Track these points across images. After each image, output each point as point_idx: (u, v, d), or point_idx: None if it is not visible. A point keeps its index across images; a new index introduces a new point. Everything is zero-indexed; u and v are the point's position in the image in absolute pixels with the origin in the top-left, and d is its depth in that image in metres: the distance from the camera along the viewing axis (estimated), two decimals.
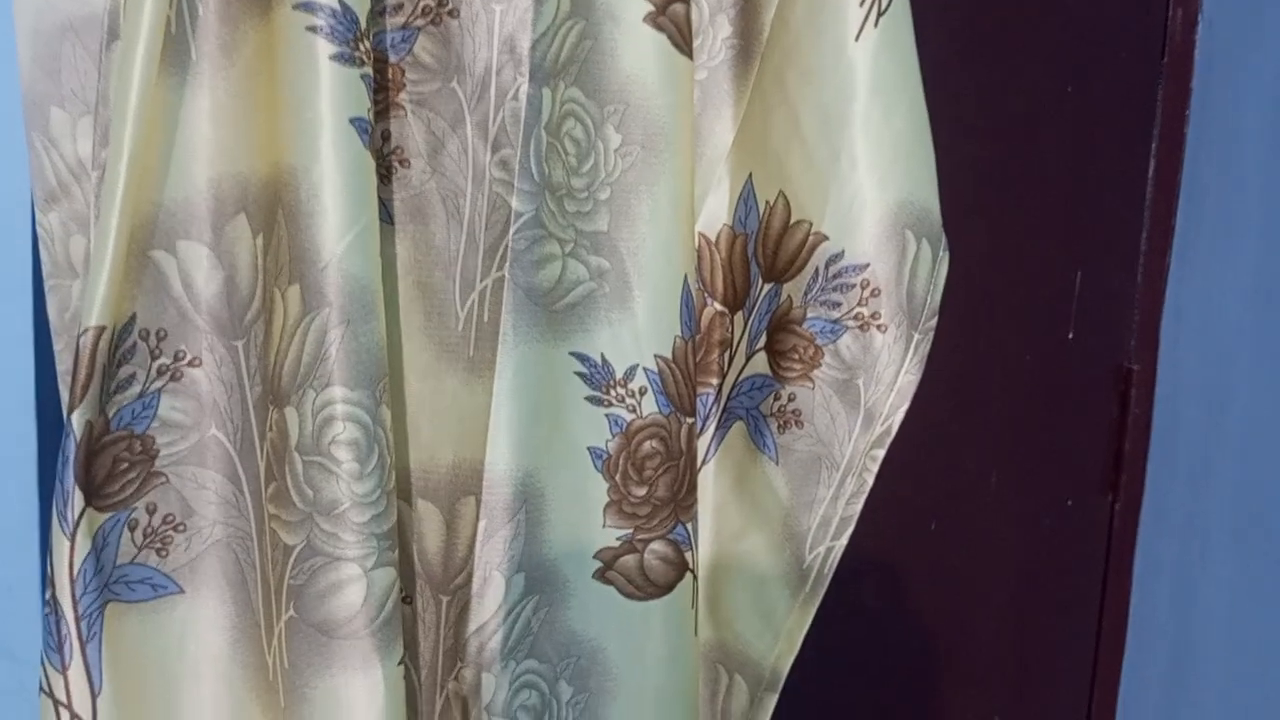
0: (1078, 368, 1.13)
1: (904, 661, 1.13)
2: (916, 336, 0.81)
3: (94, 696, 0.66)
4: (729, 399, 0.87)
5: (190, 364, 0.69)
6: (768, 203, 0.81)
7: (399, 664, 0.71)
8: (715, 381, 0.86)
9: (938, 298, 0.81)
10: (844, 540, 0.86)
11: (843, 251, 0.79)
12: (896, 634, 1.12)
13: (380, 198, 0.71)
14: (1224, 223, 1.11)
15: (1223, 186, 1.11)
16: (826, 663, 0.93)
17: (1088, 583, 1.18)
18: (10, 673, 0.79)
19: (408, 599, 0.78)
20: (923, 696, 1.13)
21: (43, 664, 0.66)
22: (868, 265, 0.79)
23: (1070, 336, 1.12)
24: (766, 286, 0.84)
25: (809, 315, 0.83)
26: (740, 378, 0.87)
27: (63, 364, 0.69)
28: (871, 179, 0.77)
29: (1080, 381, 1.13)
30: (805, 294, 0.83)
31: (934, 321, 0.81)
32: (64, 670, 0.66)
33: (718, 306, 0.85)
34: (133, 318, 0.67)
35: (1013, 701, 1.17)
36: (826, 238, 0.79)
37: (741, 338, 0.86)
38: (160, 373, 0.68)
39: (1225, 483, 1.10)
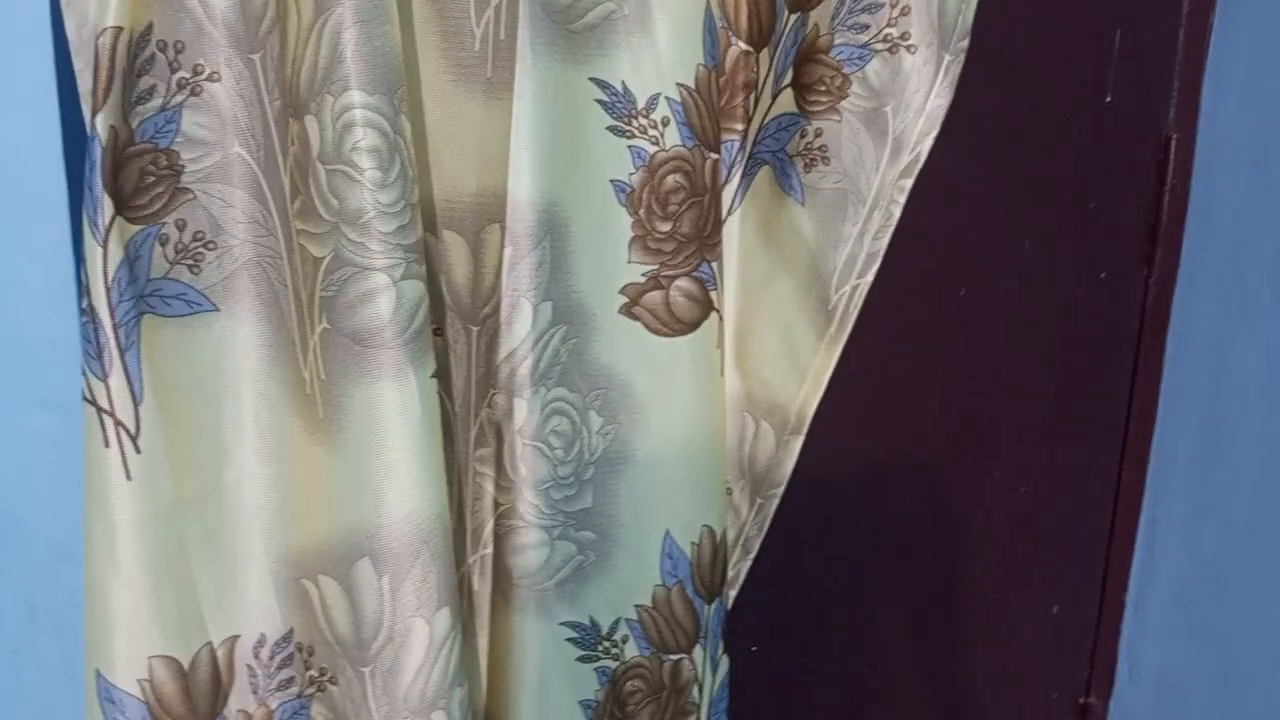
0: (1114, 134, 1.10)
1: (932, 435, 1.13)
2: (947, 58, 0.79)
3: (136, 405, 0.68)
4: (754, 144, 0.86)
5: (209, 79, 0.69)
6: None
7: (432, 376, 0.73)
8: (740, 127, 0.84)
9: (970, 17, 0.79)
10: (870, 277, 0.86)
11: None
12: (930, 406, 1.12)
13: None
14: None
15: None
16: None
17: (1120, 356, 1.18)
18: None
19: (438, 331, 0.79)
20: (955, 462, 1.14)
21: (84, 374, 0.68)
22: None
23: (1108, 100, 1.09)
24: (793, 17, 0.82)
25: (836, 42, 0.81)
26: (766, 119, 0.85)
27: (84, 84, 0.69)
28: None
29: (1117, 149, 1.10)
30: (833, 19, 0.80)
31: (965, 42, 0.79)
32: (105, 378, 0.67)
33: (742, 45, 0.83)
34: (149, 26, 0.66)
35: (1045, 473, 1.17)
36: None
37: (768, 77, 0.84)
38: (180, 86, 0.68)
39: (1264, 248, 1.08)
